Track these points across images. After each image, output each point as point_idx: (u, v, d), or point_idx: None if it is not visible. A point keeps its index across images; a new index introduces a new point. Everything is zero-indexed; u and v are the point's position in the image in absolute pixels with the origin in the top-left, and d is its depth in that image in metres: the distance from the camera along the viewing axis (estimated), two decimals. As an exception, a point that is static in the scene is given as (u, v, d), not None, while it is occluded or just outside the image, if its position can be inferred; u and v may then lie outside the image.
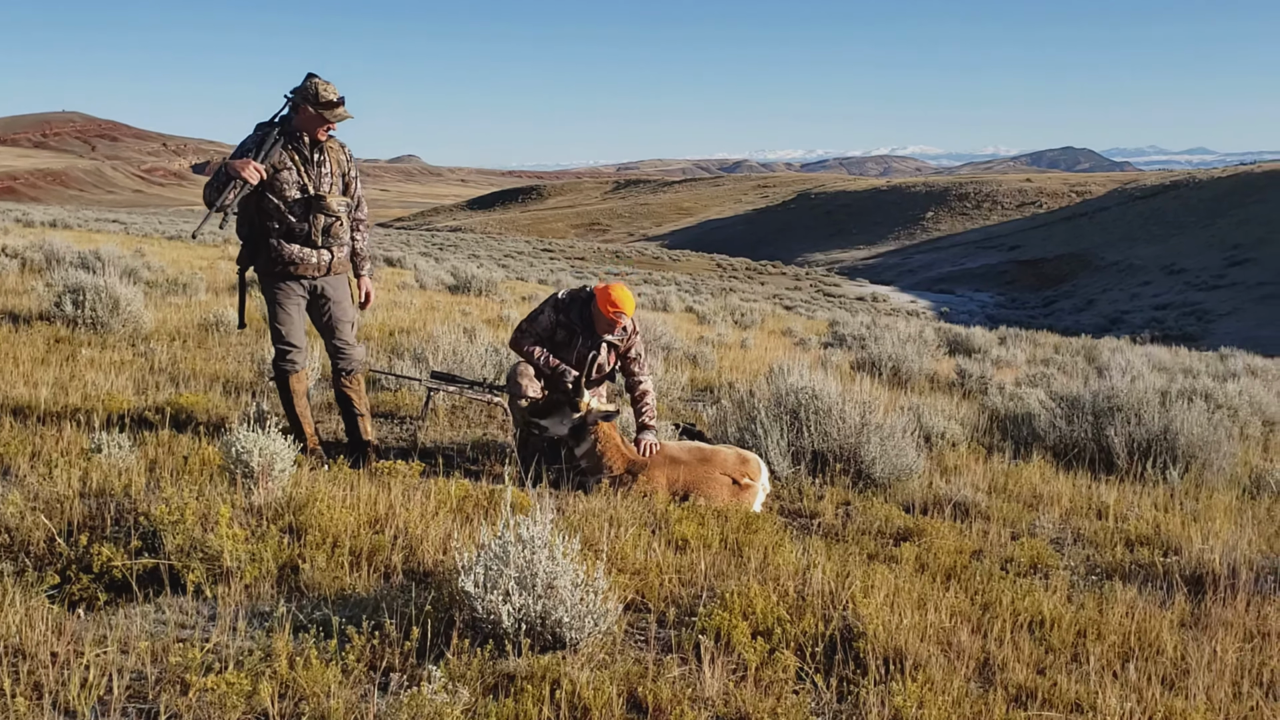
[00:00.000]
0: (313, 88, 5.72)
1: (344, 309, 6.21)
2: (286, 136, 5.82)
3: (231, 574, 3.86)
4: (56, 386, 7.27)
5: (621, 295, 6.20)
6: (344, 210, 6.02)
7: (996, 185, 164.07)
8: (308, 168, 5.87)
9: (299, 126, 5.83)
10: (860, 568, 4.60)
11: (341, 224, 6.01)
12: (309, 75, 5.80)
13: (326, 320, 6.18)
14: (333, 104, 5.74)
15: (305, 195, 5.86)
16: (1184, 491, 7.54)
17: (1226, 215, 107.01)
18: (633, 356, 6.47)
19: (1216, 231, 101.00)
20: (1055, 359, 20.86)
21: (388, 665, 3.29)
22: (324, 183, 5.92)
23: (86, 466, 5.01)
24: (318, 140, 5.87)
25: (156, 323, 10.98)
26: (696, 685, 3.32)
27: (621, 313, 6.19)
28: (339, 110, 5.77)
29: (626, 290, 6.23)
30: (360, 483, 5.22)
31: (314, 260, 5.95)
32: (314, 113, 5.74)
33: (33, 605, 3.45)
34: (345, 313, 6.21)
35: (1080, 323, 69.11)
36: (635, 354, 6.48)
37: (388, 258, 35.66)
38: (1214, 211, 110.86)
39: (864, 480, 6.74)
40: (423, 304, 17.44)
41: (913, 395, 11.55)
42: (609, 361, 6.47)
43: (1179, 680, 3.81)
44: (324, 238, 5.95)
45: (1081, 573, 5.23)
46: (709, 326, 20.69)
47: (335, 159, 6.00)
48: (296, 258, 5.91)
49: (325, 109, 5.73)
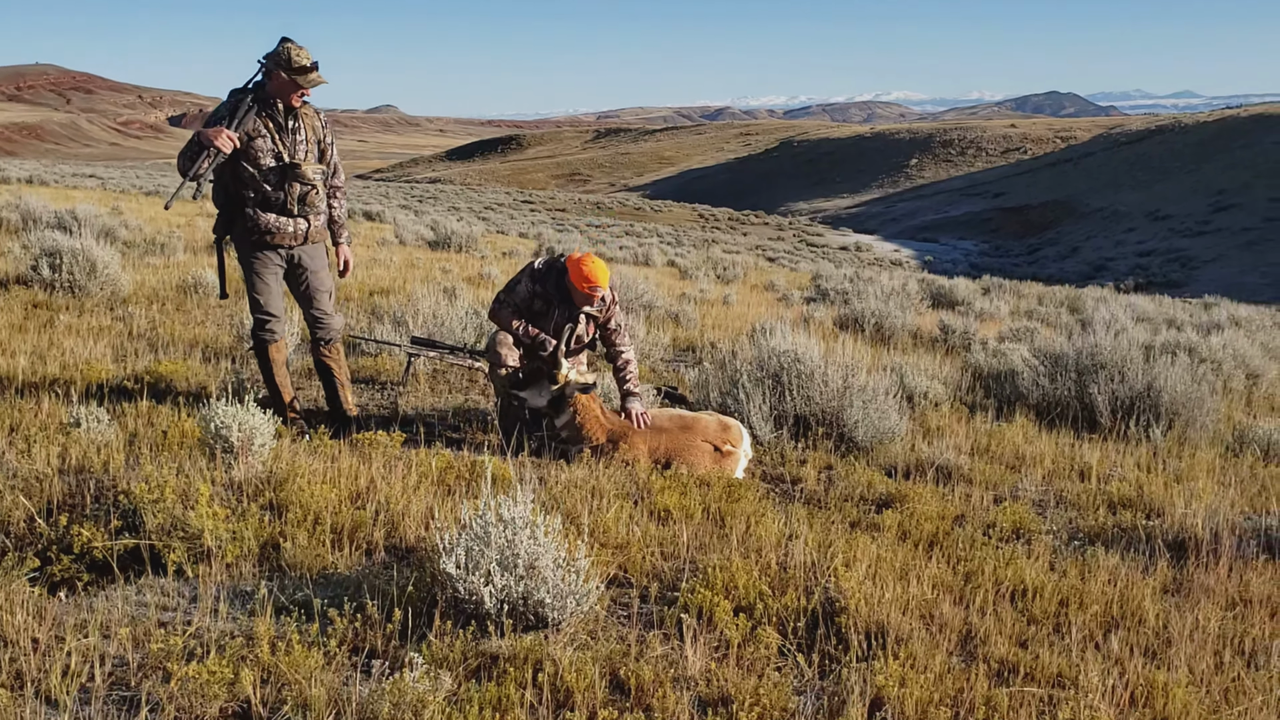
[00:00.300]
0: (286, 53, 5.61)
1: (321, 278, 6.15)
2: (260, 104, 5.72)
3: (212, 554, 3.84)
4: (34, 355, 7.21)
5: (594, 269, 6.10)
6: (320, 178, 5.94)
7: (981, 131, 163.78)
8: (282, 135, 5.78)
9: (273, 93, 5.73)
10: (843, 537, 4.61)
11: (317, 192, 5.94)
12: (282, 40, 5.69)
13: (304, 289, 6.12)
14: (306, 69, 5.64)
15: (280, 163, 5.78)
16: (1167, 450, 7.58)
17: (1212, 160, 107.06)
18: (612, 327, 6.42)
19: (1202, 177, 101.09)
20: (1039, 311, 20.93)
21: (370, 648, 3.28)
22: (299, 150, 5.84)
23: (65, 442, 4.97)
24: (292, 107, 5.78)
25: (135, 285, 10.88)
26: (679, 664, 3.33)
27: (596, 286, 6.12)
28: (313, 76, 5.67)
29: (599, 262, 6.15)
30: (341, 455, 5.19)
31: (290, 229, 5.88)
32: (287, 79, 5.64)
33: (13, 590, 3.42)
34: (323, 282, 6.15)
35: (1065, 270, 69.32)
36: (615, 324, 6.43)
37: (366, 211, 35.40)
38: (1199, 156, 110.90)
39: (847, 444, 6.75)
40: (402, 261, 17.33)
41: (896, 353, 11.56)
42: (588, 332, 6.42)
43: (1161, 651, 3.83)
44: (300, 206, 5.87)
45: (1064, 538, 5.24)
46: (691, 282, 20.63)
47: (310, 125, 5.91)
48: (273, 227, 5.84)
49: (299, 74, 5.63)
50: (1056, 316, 19.91)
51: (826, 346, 7.73)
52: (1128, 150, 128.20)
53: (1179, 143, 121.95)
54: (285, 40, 5.68)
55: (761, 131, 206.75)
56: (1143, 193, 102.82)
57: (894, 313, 13.80)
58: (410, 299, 9.48)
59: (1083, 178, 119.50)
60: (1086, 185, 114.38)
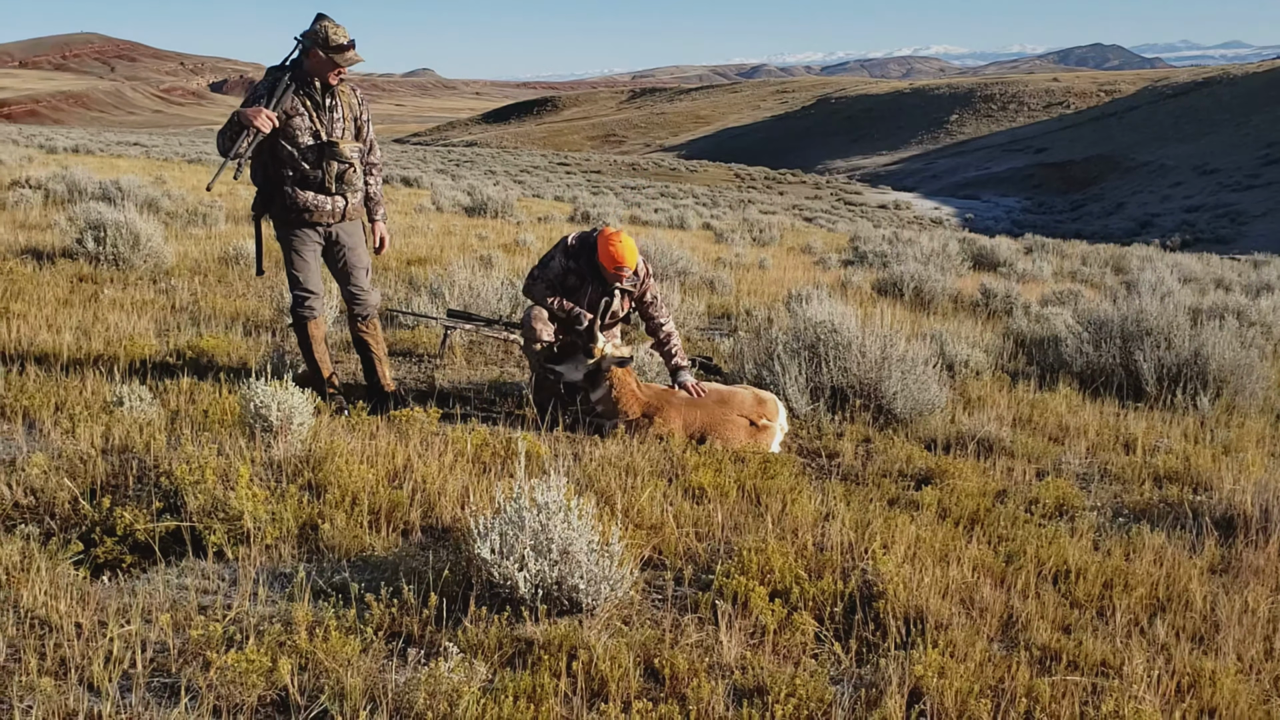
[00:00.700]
0: (323, 31, 5.59)
1: (359, 255, 6.15)
2: (298, 82, 5.72)
3: (252, 535, 3.87)
4: (79, 331, 7.28)
5: (620, 250, 6.09)
6: (357, 156, 5.93)
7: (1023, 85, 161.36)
8: (320, 113, 5.77)
9: (310, 71, 5.72)
10: (880, 516, 4.57)
11: (355, 170, 5.93)
12: (319, 17, 5.67)
13: (341, 266, 6.13)
14: (343, 48, 5.62)
15: (318, 142, 5.78)
16: (1215, 420, 7.46)
17: (1261, 112, 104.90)
18: (648, 301, 6.41)
19: (1251, 129, 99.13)
20: (1083, 272, 20.64)
21: (407, 633, 3.29)
22: (336, 128, 5.83)
23: (109, 421, 5.01)
24: (329, 85, 5.77)
25: (177, 257, 10.97)
26: (714, 651, 3.31)
27: (621, 267, 6.12)
28: (349, 54, 5.65)
29: (627, 242, 6.13)
30: (379, 433, 5.22)
31: (328, 207, 5.89)
32: (325, 57, 5.63)
33: (58, 574, 3.46)
34: (360, 259, 6.16)
35: (1109, 227, 68.36)
36: (651, 298, 6.41)
37: (404, 177, 35.49)
38: (1248, 108, 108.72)
39: (885, 416, 6.69)
40: (439, 228, 17.35)
41: (936, 319, 11.46)
42: (623, 306, 6.41)
43: (1209, 636, 3.77)
44: (338, 184, 5.87)
45: (1108, 514, 5.17)
46: (726, 245, 20.53)
47: (347, 103, 5.90)
48: (311, 205, 5.85)
49: (336, 53, 5.61)
50: (1101, 278, 19.64)
51: (864, 313, 7.66)
52: (1174, 103, 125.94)
53: (1227, 94, 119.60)
54: (322, 18, 5.66)
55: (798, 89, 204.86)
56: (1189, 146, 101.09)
57: (934, 276, 13.66)
58: (446, 270, 9.47)
59: (1127, 132, 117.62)
60: (1131, 139, 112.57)
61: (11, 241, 11.03)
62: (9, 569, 3.44)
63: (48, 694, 2.82)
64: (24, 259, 10.08)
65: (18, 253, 10.42)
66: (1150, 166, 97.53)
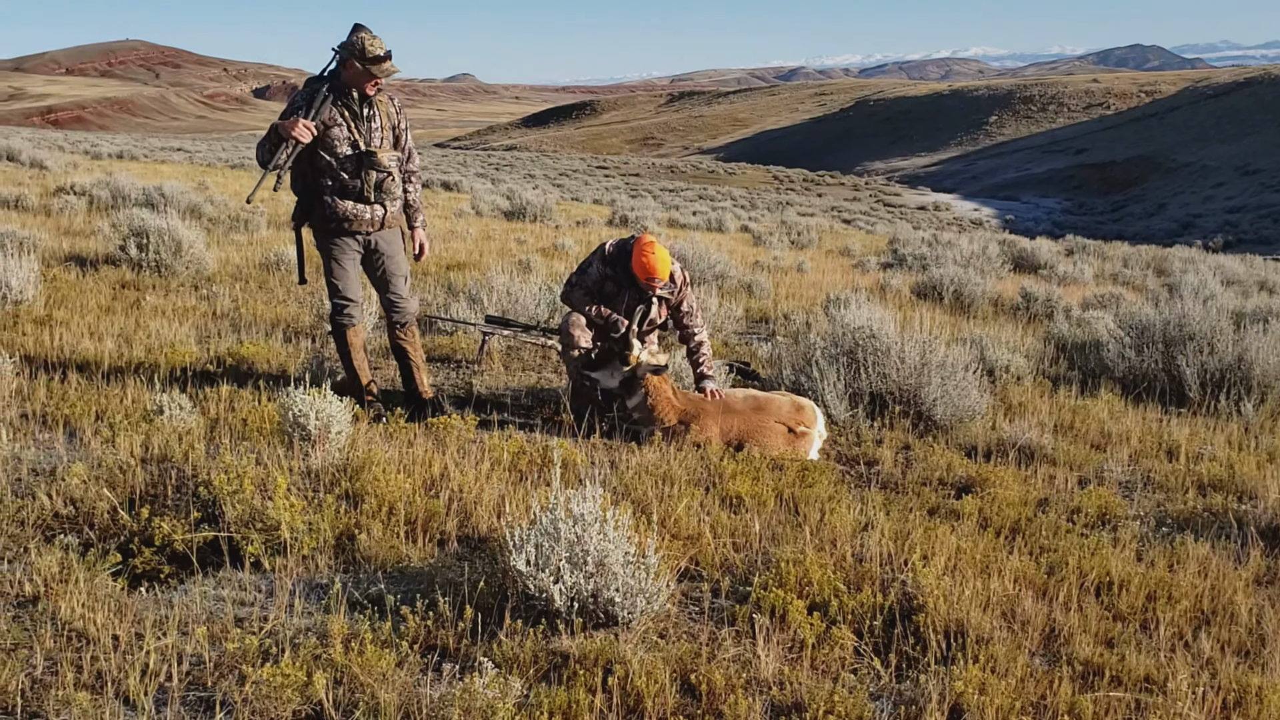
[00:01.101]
0: (359, 43, 5.62)
1: (398, 263, 6.17)
2: (335, 92, 5.75)
3: (289, 546, 3.88)
4: (121, 339, 7.35)
5: (653, 260, 6.08)
6: (395, 165, 5.95)
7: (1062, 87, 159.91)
8: (358, 123, 5.80)
9: (348, 82, 5.75)
10: (920, 526, 4.51)
11: (393, 179, 5.95)
12: (356, 28, 5.70)
13: (380, 274, 6.15)
14: (379, 59, 5.64)
15: (356, 151, 5.80)
16: (1259, 425, 7.33)
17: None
18: (684, 310, 6.40)
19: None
20: (1124, 274, 20.40)
21: (442, 646, 3.28)
22: (374, 138, 5.85)
23: (148, 430, 5.05)
24: (366, 95, 5.79)
25: (219, 263, 11.07)
26: (751, 666, 3.28)
27: (653, 279, 6.12)
28: (386, 65, 5.68)
29: (660, 252, 6.12)
30: (416, 441, 5.22)
31: (367, 216, 5.91)
32: (361, 68, 5.66)
33: (96, 585, 3.49)
34: (399, 266, 6.18)
35: (1151, 228, 67.56)
36: (687, 307, 6.41)
37: (445, 181, 35.66)
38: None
39: (925, 423, 6.62)
40: (479, 232, 17.42)
41: (976, 323, 11.36)
42: (660, 314, 6.40)
43: (1255, 650, 3.69)
44: (376, 193, 5.89)
45: (1151, 524, 5.08)
46: (764, 248, 20.46)
47: (384, 112, 5.92)
48: (350, 214, 5.87)
49: (373, 64, 5.64)
50: (1143, 280, 19.40)
51: (903, 317, 7.60)
52: (1215, 103, 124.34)
53: (1269, 94, 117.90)
54: (359, 29, 5.69)
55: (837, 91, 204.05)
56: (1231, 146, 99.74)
57: (973, 279, 13.54)
58: (485, 277, 9.49)
59: (1168, 132, 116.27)
60: (1172, 140, 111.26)
61: (56, 248, 11.17)
62: (48, 580, 3.47)
63: (84, 708, 2.83)
64: (68, 266, 10.21)
65: (62, 260, 10.55)
66: (1192, 167, 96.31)
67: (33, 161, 23.74)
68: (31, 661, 3.05)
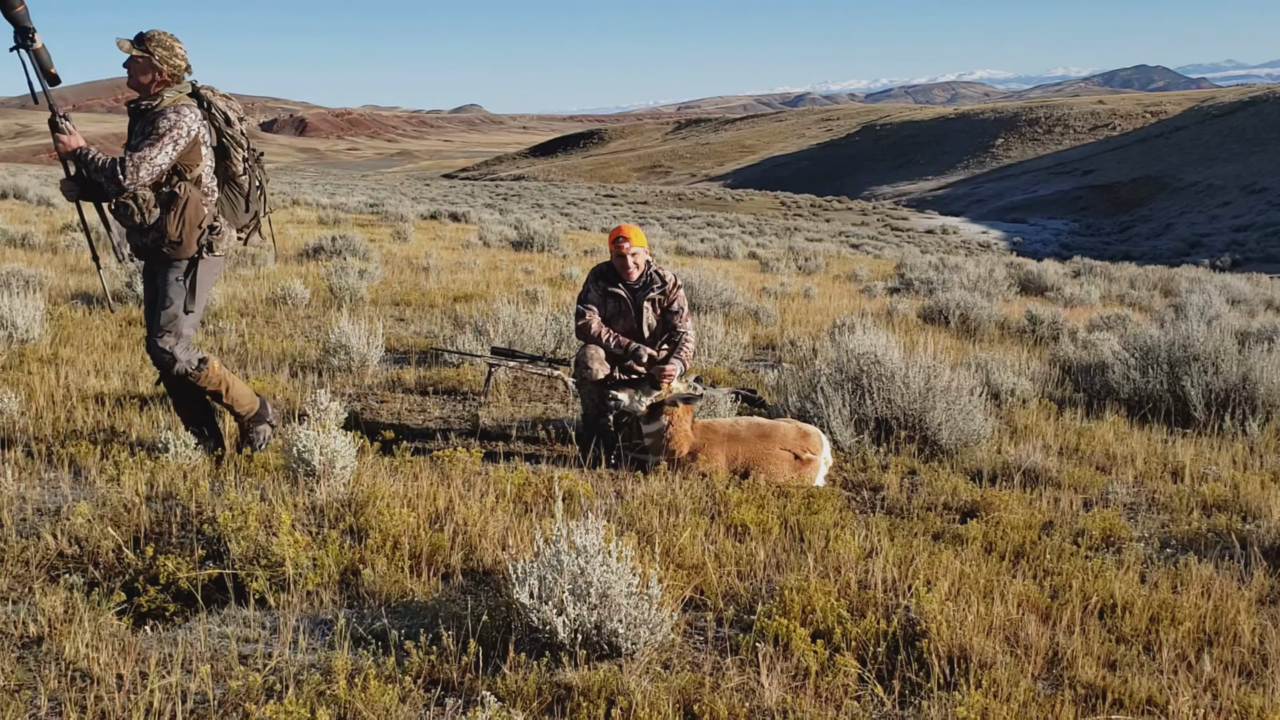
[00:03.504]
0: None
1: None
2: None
3: (293, 582, 3.90)
4: (126, 376, 7.40)
5: (621, 227, 6.43)
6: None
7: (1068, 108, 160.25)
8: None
9: None
10: (925, 552, 4.51)
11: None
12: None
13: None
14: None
15: None
16: (1265, 445, 7.32)
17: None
18: (675, 310, 6.53)
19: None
20: (1131, 295, 20.37)
21: (445, 680, 3.29)
22: None
23: (153, 468, 5.08)
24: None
25: (225, 298, 11.13)
26: (755, 695, 3.28)
27: (620, 238, 6.36)
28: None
29: (630, 226, 6.46)
30: (421, 474, 5.24)
31: None
32: None
33: (100, 624, 3.50)
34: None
35: (1158, 248, 67.54)
36: (678, 308, 6.54)
37: (453, 213, 35.80)
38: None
39: (930, 447, 6.62)
40: (486, 263, 17.48)
41: (982, 345, 11.36)
42: (655, 319, 6.50)
43: (1257, 670, 3.68)
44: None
45: (1155, 545, 5.08)
46: (772, 274, 20.50)
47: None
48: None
49: None
50: (1149, 300, 19.38)
51: (910, 342, 7.61)
52: (1220, 123, 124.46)
53: (1274, 113, 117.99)
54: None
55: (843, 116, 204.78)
56: (1237, 165, 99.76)
57: (979, 303, 13.55)
58: (492, 309, 9.54)
59: (1174, 152, 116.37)
60: (1178, 160, 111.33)
61: (62, 286, 11.25)
62: (52, 620, 3.49)
63: (88, 747, 2.85)
64: (74, 304, 10.27)
65: (68, 297, 10.62)
66: (1198, 186, 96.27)
67: (40, 199, 23.90)
68: (36, 702, 3.07)
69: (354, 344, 8.18)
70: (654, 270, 6.49)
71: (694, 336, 6.58)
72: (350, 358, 8.17)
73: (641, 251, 6.41)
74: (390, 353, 9.02)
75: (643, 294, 6.45)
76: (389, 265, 15.82)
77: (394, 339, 9.63)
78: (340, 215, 26.78)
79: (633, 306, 6.45)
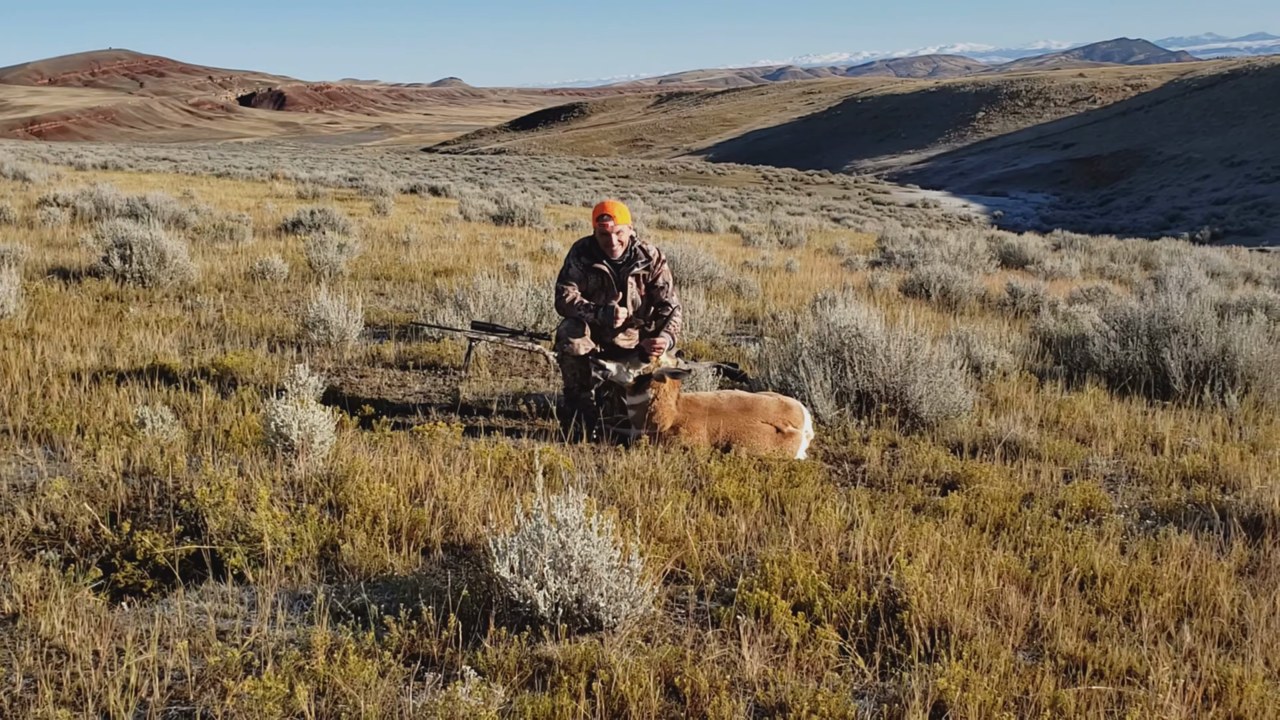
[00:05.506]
0: None
1: None
2: None
3: (272, 557, 3.87)
4: (103, 351, 7.32)
5: (604, 202, 6.40)
6: None
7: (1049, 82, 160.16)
8: None
9: None
10: (905, 524, 4.51)
11: None
12: None
13: None
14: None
15: None
16: (1243, 416, 7.35)
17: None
18: (660, 285, 6.52)
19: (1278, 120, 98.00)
20: (1111, 268, 20.44)
21: (425, 655, 3.27)
22: None
23: (130, 443, 5.03)
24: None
25: (204, 273, 11.05)
26: (736, 668, 3.28)
27: (603, 215, 6.32)
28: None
29: (612, 200, 6.45)
30: (401, 448, 5.21)
31: None
32: None
33: (77, 601, 3.47)
34: None
35: (1138, 221, 67.77)
36: (663, 283, 6.53)
37: (433, 186, 35.64)
38: (1275, 99, 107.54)
39: (911, 420, 6.63)
40: (466, 237, 17.40)
41: (963, 319, 11.37)
42: (639, 294, 6.47)
43: (1236, 640, 3.70)
44: None
45: (1135, 516, 5.10)
46: (754, 248, 20.47)
47: None
48: None
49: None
50: (1129, 273, 19.45)
51: (891, 315, 7.60)
52: (1200, 96, 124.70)
53: (1253, 86, 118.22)
54: None
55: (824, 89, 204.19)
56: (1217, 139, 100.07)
57: (960, 276, 13.56)
58: (472, 283, 9.49)
59: (1154, 126, 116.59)
60: (1158, 133, 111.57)
61: (39, 261, 11.13)
62: (28, 597, 3.45)
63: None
64: (50, 278, 10.17)
65: (44, 272, 10.51)
66: (1178, 160, 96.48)
67: (15, 174, 23.64)
68: (10, 679, 3.04)
69: (333, 319, 8.12)
70: (638, 245, 6.46)
71: (681, 310, 6.57)
72: (329, 332, 8.12)
73: (626, 229, 6.38)
74: (370, 327, 8.97)
75: (626, 270, 6.42)
76: (368, 240, 15.73)
77: (373, 313, 9.58)
78: (319, 190, 26.63)
79: (616, 282, 6.43)
